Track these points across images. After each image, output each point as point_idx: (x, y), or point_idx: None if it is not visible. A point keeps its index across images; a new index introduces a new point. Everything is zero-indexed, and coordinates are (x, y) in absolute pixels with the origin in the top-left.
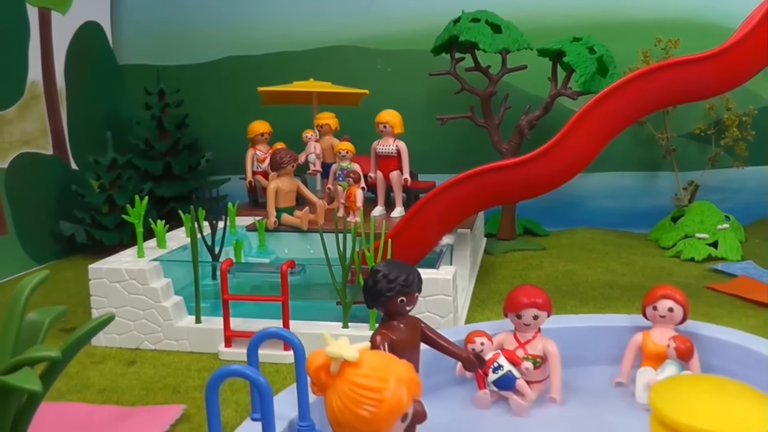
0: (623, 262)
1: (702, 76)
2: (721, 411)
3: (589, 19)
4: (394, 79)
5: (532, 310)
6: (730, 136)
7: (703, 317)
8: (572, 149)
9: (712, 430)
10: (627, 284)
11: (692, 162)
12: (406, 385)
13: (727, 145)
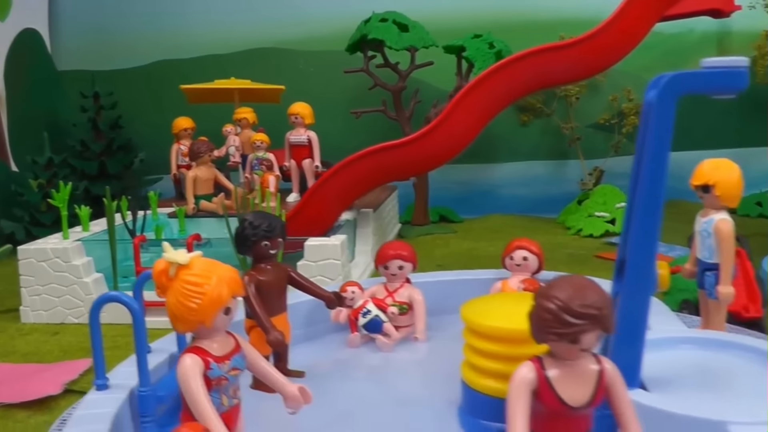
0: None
1: (570, 60)
2: (511, 313)
3: (494, 18)
4: (314, 78)
5: (397, 261)
6: (629, 124)
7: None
8: (453, 128)
9: (496, 325)
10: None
11: (597, 150)
12: (227, 283)
13: (629, 133)
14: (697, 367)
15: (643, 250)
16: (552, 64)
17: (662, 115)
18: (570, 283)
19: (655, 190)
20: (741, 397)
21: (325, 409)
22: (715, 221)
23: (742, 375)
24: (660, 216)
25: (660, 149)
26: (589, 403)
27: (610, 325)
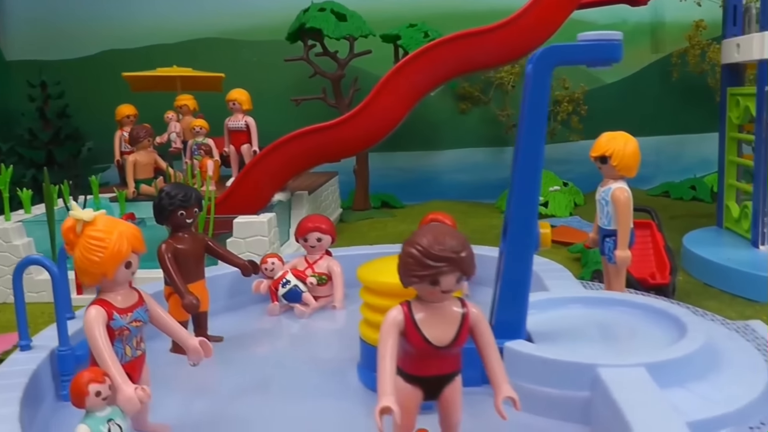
0: (461, 223)
1: (490, 45)
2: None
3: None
4: (257, 66)
5: (316, 234)
6: (563, 111)
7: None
8: (379, 111)
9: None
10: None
11: None
12: (127, 238)
13: (563, 120)
14: (583, 322)
15: (524, 211)
16: (473, 49)
17: (538, 85)
18: (431, 230)
19: (532, 156)
20: (615, 346)
21: (243, 374)
22: (612, 190)
23: (621, 327)
24: (539, 180)
25: (536, 117)
26: (452, 342)
27: (468, 269)
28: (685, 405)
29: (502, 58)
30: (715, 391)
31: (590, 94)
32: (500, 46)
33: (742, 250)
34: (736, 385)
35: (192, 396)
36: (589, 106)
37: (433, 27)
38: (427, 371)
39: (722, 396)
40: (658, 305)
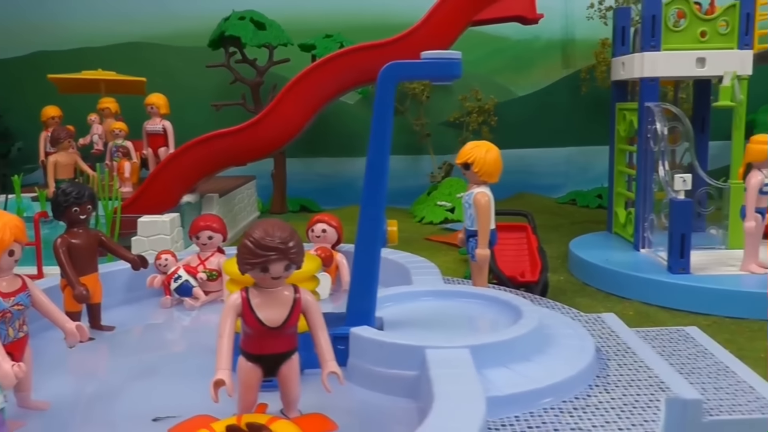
0: None
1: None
2: None
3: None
4: (182, 71)
5: (207, 232)
6: (473, 122)
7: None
8: (282, 118)
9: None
10: None
11: (448, 145)
12: (10, 228)
13: (474, 130)
14: (432, 312)
15: (371, 211)
16: (372, 61)
17: (382, 98)
18: (264, 223)
19: (378, 162)
20: (453, 331)
21: (132, 359)
22: (474, 194)
23: (464, 316)
24: (385, 184)
25: (381, 127)
26: (284, 324)
27: (295, 258)
28: (501, 381)
29: None
30: (536, 370)
31: (503, 106)
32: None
33: (625, 252)
34: (558, 364)
35: (83, 379)
36: (501, 118)
37: (349, 38)
38: (265, 350)
39: (541, 374)
40: (502, 297)
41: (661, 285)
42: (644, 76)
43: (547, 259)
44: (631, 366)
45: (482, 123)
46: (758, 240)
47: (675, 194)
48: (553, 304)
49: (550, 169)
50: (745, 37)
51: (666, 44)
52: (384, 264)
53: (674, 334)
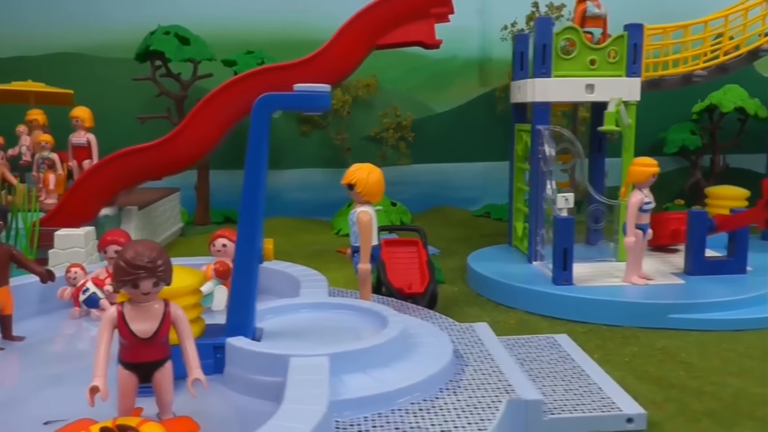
0: (290, 238)
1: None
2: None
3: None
4: (113, 83)
5: (114, 246)
6: (391, 137)
7: (323, 268)
8: (194, 135)
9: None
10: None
11: (369, 159)
12: None
13: (393, 145)
14: (310, 323)
15: (247, 230)
16: (280, 82)
17: (257, 126)
18: (135, 244)
19: (253, 185)
20: (319, 340)
21: (41, 371)
22: (357, 213)
23: (337, 326)
24: (261, 205)
25: (257, 154)
26: (155, 335)
27: (163, 276)
28: (356, 385)
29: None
30: (392, 375)
31: (421, 122)
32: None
33: (519, 265)
34: (414, 370)
35: None
36: (420, 133)
37: (271, 54)
38: (139, 359)
39: (395, 378)
40: (373, 308)
41: (543, 295)
42: (536, 101)
43: (435, 272)
44: (486, 371)
45: (400, 139)
46: (640, 253)
47: (558, 212)
48: (432, 314)
49: (466, 182)
50: (633, 65)
51: (557, 71)
52: (280, 277)
53: (543, 341)
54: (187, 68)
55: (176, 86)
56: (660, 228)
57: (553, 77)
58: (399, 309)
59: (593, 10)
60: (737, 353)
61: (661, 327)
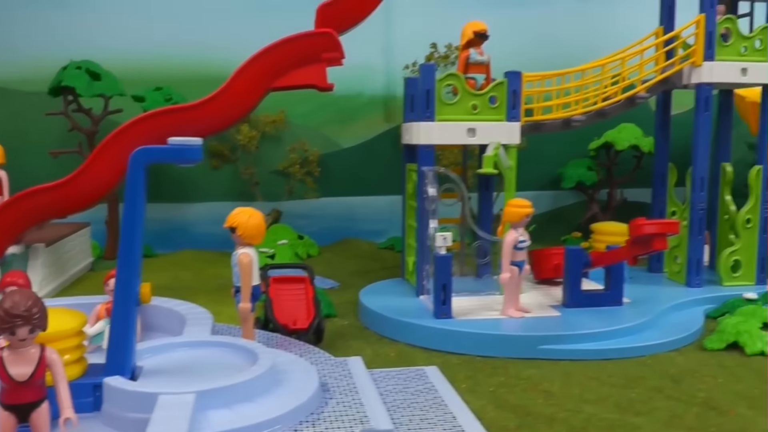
0: (197, 272)
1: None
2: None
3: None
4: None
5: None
6: (296, 173)
7: (224, 302)
8: (95, 175)
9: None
10: (184, 286)
11: (277, 193)
12: None
13: (300, 179)
14: (187, 361)
15: (125, 275)
16: (177, 123)
17: (133, 179)
18: (12, 294)
19: (131, 232)
20: (192, 378)
21: None
22: (238, 254)
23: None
24: (138, 251)
25: (133, 205)
26: (31, 378)
27: (38, 324)
28: (218, 420)
29: (209, 130)
30: (255, 410)
31: (329, 157)
32: (203, 121)
33: (408, 298)
34: (277, 404)
35: None
36: (327, 168)
37: (180, 90)
38: (16, 400)
39: (257, 413)
40: (248, 346)
41: (423, 329)
42: (420, 143)
43: (320, 307)
44: (347, 403)
45: (306, 173)
46: (515, 288)
47: (437, 250)
48: (310, 349)
49: (373, 216)
50: (512, 111)
51: (441, 115)
52: (168, 314)
53: (413, 373)
54: (98, 103)
55: (88, 121)
56: (543, 262)
57: (437, 121)
58: (281, 345)
59: (476, 57)
60: (599, 381)
61: (532, 357)
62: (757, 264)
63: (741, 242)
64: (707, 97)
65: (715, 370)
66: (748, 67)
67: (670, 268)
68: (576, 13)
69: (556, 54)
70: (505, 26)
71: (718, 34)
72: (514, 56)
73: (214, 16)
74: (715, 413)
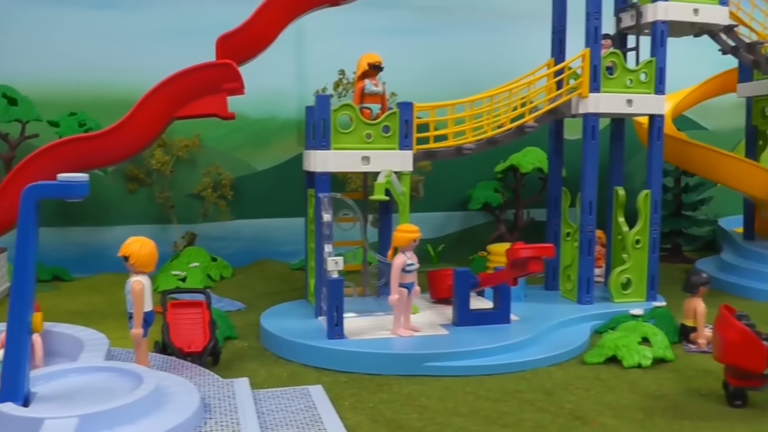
0: (109, 296)
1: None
2: None
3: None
4: None
5: None
6: (210, 196)
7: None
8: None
9: None
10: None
11: (192, 216)
12: None
13: (213, 203)
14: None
15: (17, 307)
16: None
17: (25, 214)
18: None
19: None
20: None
21: None
22: (131, 282)
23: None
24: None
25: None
26: None
27: None
28: None
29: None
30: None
31: (243, 180)
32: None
33: (307, 320)
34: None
35: None
36: (242, 190)
37: (95, 115)
38: None
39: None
40: (136, 370)
41: (316, 349)
42: (317, 170)
43: (215, 331)
44: (225, 423)
45: (219, 197)
46: (405, 309)
47: (329, 274)
48: (201, 371)
49: (287, 237)
50: (405, 139)
51: (336, 143)
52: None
53: (297, 392)
54: (15, 128)
55: (5, 146)
56: (439, 283)
57: (333, 149)
58: (175, 368)
59: (371, 88)
60: (475, 396)
61: (417, 374)
62: (648, 281)
63: (631, 261)
64: (594, 127)
65: (590, 382)
66: (633, 98)
67: (564, 286)
68: (482, 42)
69: (464, 81)
70: (412, 53)
71: (604, 67)
72: (422, 82)
73: (127, 40)
74: (579, 423)
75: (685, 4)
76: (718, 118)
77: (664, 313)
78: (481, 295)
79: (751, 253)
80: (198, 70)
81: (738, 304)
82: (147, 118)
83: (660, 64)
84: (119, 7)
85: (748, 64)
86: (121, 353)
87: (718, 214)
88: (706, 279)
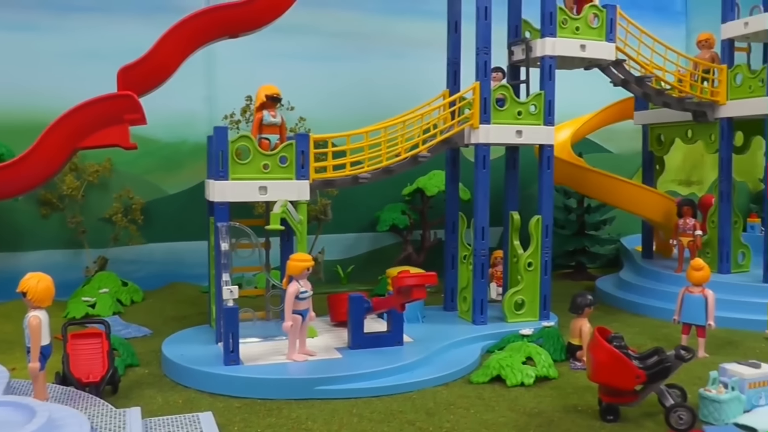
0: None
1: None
2: None
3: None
4: None
5: None
6: (120, 221)
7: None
8: None
9: None
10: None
11: (104, 240)
12: None
13: (124, 227)
14: None
15: None
16: None
17: None
18: None
19: None
20: None
21: None
22: (28, 317)
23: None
24: None
25: None
26: None
27: None
28: None
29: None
30: None
31: (155, 203)
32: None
33: (207, 346)
34: None
35: None
36: (153, 214)
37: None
38: None
39: None
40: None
41: (211, 375)
42: (215, 200)
43: (113, 361)
44: None
45: (130, 221)
46: (302, 334)
47: (224, 302)
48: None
49: (200, 260)
50: (301, 170)
51: (234, 174)
52: None
53: (187, 419)
54: None
55: None
56: (338, 306)
57: (231, 179)
58: (72, 399)
59: (269, 119)
60: (360, 417)
61: (309, 398)
62: (540, 302)
63: (524, 283)
64: (485, 156)
65: (472, 401)
66: (523, 129)
67: (461, 307)
68: (390, 68)
69: (372, 105)
70: (322, 78)
71: (494, 99)
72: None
73: (42, 64)
74: None
75: (573, 40)
76: (621, 141)
77: (552, 332)
78: (381, 317)
79: (648, 272)
80: (100, 102)
81: (635, 321)
82: (50, 150)
83: (548, 96)
84: (35, 30)
85: (638, 95)
86: (24, 385)
87: (621, 233)
88: (590, 300)
